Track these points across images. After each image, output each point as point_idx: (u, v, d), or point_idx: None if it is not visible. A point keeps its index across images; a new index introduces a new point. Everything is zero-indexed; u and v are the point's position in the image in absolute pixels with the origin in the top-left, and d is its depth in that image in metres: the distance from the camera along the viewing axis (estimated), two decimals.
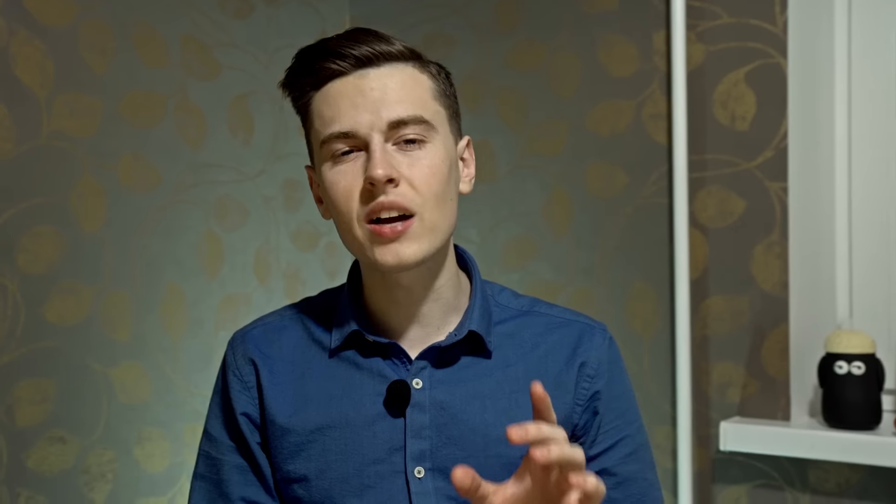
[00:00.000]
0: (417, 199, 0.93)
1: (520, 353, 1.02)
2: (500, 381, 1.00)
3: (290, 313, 1.08)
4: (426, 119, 0.94)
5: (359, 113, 0.92)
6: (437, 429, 0.98)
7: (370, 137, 0.92)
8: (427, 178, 0.94)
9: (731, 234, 1.56)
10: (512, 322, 1.04)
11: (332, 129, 0.94)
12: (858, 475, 1.46)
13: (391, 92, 0.93)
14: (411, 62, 0.96)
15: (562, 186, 1.72)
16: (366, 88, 0.93)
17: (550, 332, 1.04)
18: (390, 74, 0.94)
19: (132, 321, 1.53)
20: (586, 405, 1.02)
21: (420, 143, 0.94)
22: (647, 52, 1.63)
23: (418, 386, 0.99)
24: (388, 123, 0.93)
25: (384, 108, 0.92)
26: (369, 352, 1.01)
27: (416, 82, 0.95)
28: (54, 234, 1.42)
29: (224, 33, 1.71)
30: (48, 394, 1.41)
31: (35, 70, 1.40)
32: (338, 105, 0.93)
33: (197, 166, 1.65)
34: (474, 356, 1.01)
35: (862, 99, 1.56)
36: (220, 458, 1.04)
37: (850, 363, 1.42)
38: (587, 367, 1.02)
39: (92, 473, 1.47)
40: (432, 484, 0.97)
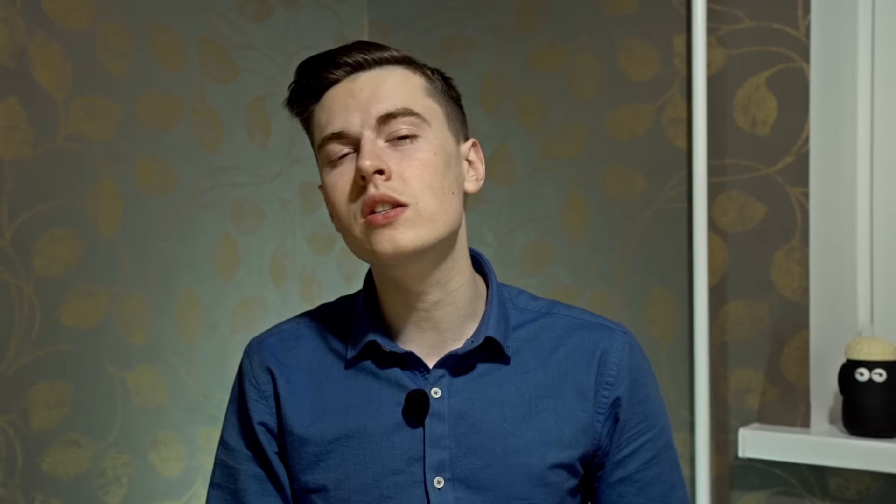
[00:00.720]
0: (410, 190, 0.92)
1: (539, 359, 1.01)
2: (520, 388, 0.99)
3: (306, 321, 1.07)
4: (416, 112, 0.94)
5: (350, 113, 0.93)
6: (457, 438, 0.97)
7: (361, 135, 0.93)
8: (418, 170, 0.93)
9: (750, 240, 1.55)
10: (531, 325, 1.03)
11: (325, 131, 0.95)
12: (879, 483, 1.44)
13: (381, 90, 0.94)
14: (403, 65, 0.97)
15: (580, 190, 1.71)
16: (356, 90, 0.94)
17: (569, 335, 1.02)
18: (380, 76, 0.95)
19: (147, 324, 1.53)
20: (608, 413, 1.00)
21: (412, 137, 0.94)
22: (667, 56, 1.62)
23: (437, 395, 0.98)
24: (377, 119, 0.93)
25: (373, 105, 0.93)
26: (386, 362, 1.00)
27: (406, 80, 0.96)
28: (70, 237, 1.42)
29: (242, 36, 1.70)
30: (63, 397, 1.41)
31: (53, 72, 1.40)
32: (331, 109, 0.95)
33: (213, 169, 1.64)
34: (492, 363, 1.00)
35: (885, 104, 1.54)
36: (237, 468, 1.03)
37: (872, 370, 1.40)
38: (607, 373, 1.00)
39: (107, 477, 1.47)
40: (452, 494, 0.96)
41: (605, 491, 1.01)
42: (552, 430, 0.98)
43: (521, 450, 0.97)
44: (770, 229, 1.53)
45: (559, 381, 1.00)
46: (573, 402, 0.99)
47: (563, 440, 0.98)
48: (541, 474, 0.97)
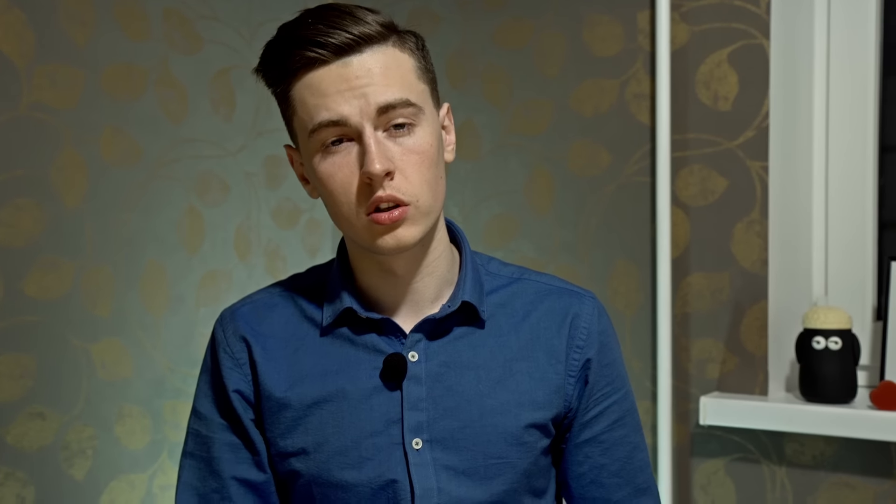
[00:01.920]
0: (412, 189, 0.94)
1: (512, 323, 1.04)
2: (494, 351, 1.02)
3: (279, 290, 1.08)
4: (413, 102, 0.94)
5: (347, 101, 0.92)
6: (434, 400, 0.99)
7: (361, 126, 0.92)
8: (418, 165, 0.94)
9: (712, 213, 1.58)
10: (503, 291, 1.06)
11: (320, 117, 0.93)
12: (833, 448, 1.50)
13: (376, 77, 0.93)
14: (390, 41, 0.95)
15: (545, 165, 1.73)
16: (350, 76, 0.93)
17: (541, 300, 1.06)
18: (373, 59, 0.94)
19: (113, 297, 1.52)
20: (578, 375, 1.03)
21: (409, 126, 0.95)
22: (631, 32, 1.64)
23: (414, 359, 1.00)
24: (377, 109, 0.93)
25: (372, 95, 0.92)
26: (363, 328, 1.01)
27: (398, 63, 0.95)
28: (35, 207, 1.41)
29: (206, 7, 1.69)
30: (28, 369, 1.40)
31: (14, 39, 1.38)
32: (323, 94, 0.93)
33: (178, 141, 1.63)
34: (468, 326, 1.02)
35: (839, 81, 1.58)
36: (211, 437, 1.03)
37: (828, 338, 1.45)
38: (577, 336, 1.04)
39: (72, 450, 1.46)
40: (430, 455, 0.98)
41: (571, 451, 1.05)
42: (526, 391, 1.01)
43: (496, 410, 0.99)
44: (731, 203, 1.57)
45: (532, 345, 1.03)
46: (545, 364, 1.02)
47: (537, 401, 1.01)
48: (516, 434, 0.99)
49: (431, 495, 0.97)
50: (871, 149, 1.57)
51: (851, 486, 1.48)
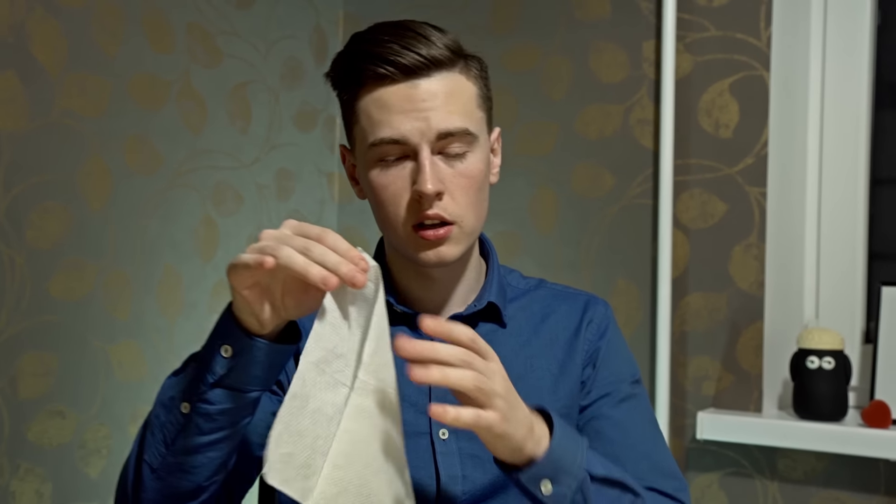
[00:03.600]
0: (458, 211, 1.01)
1: (532, 323, 1.11)
2: (515, 349, 1.09)
3: None
4: (471, 131, 1.00)
5: (409, 121, 0.97)
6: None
7: (420, 147, 0.98)
8: (467, 189, 1.01)
9: (711, 236, 1.66)
10: (523, 297, 1.14)
11: (382, 134, 0.98)
12: (824, 464, 1.57)
13: (440, 102, 0.98)
14: (457, 67, 1.00)
15: (549, 185, 1.81)
16: (416, 98, 0.97)
17: (559, 303, 1.14)
18: (440, 84, 0.98)
19: (132, 300, 1.57)
20: (588, 361, 1.10)
21: (464, 149, 1.01)
22: (636, 60, 1.73)
23: None
24: (437, 134, 0.98)
25: (434, 119, 0.97)
26: (395, 322, 1.07)
27: (462, 91, 1.00)
28: (62, 211, 1.46)
29: (227, 22, 1.76)
30: (50, 367, 1.44)
31: (50, 48, 1.44)
32: (388, 111, 0.98)
33: (197, 151, 1.69)
34: (491, 325, 1.10)
35: (833, 114, 1.67)
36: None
37: (822, 358, 1.53)
38: (590, 330, 1.12)
39: (88, 448, 1.50)
40: (456, 444, 1.04)
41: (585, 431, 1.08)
42: (546, 385, 1.08)
43: None
44: (729, 226, 1.65)
45: (551, 343, 1.10)
46: (565, 360, 1.10)
47: (557, 393, 1.08)
48: None
49: (456, 482, 1.03)
50: (863, 181, 1.65)
51: (841, 502, 1.56)
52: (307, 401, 0.84)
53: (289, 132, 1.89)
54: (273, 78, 1.86)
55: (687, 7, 1.67)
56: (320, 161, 1.98)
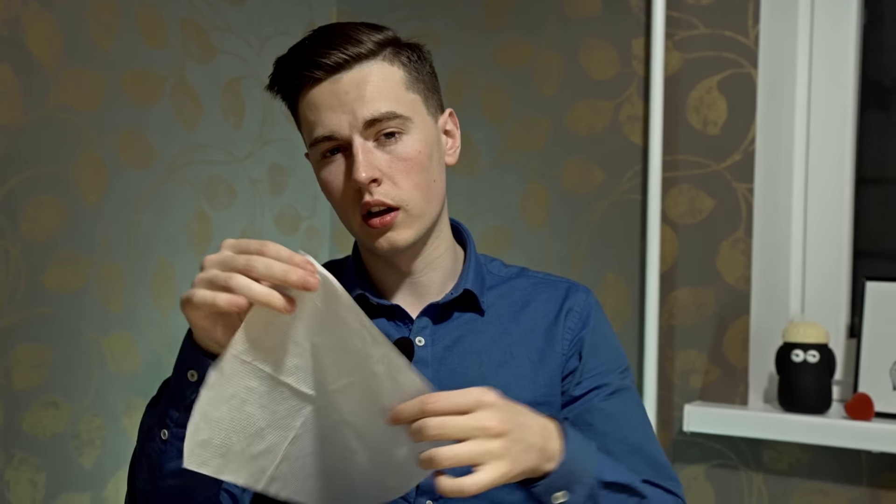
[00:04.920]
0: (400, 194, 1.02)
1: (512, 311, 1.12)
2: (495, 337, 1.10)
3: None
4: (400, 114, 1.02)
5: (337, 116, 1.00)
6: (439, 382, 1.06)
7: (350, 139, 1.01)
8: (406, 171, 1.03)
9: (699, 231, 1.69)
10: (504, 285, 1.15)
11: (316, 133, 1.02)
12: (808, 455, 1.60)
13: (364, 92, 1.00)
14: (380, 56, 1.02)
15: (540, 181, 1.83)
16: (340, 92, 1.00)
17: (539, 291, 1.14)
18: (362, 74, 1.01)
19: (125, 293, 1.59)
20: (571, 351, 1.11)
21: (398, 135, 1.03)
22: (626, 57, 1.75)
23: (420, 343, 1.08)
24: (363, 122, 1.00)
25: (359, 109, 1.00)
26: (373, 314, 1.09)
27: (387, 77, 1.02)
28: (56, 204, 1.48)
29: (220, 18, 1.77)
30: (44, 359, 1.46)
31: (45, 43, 1.45)
32: (318, 110, 1.01)
33: (190, 146, 1.71)
34: (470, 314, 1.11)
35: (820, 114, 1.68)
36: None
37: (807, 352, 1.55)
38: (571, 318, 1.12)
39: (82, 439, 1.52)
40: None
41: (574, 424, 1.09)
42: (526, 373, 1.09)
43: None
44: (717, 222, 1.67)
45: (531, 331, 1.11)
46: (545, 348, 1.10)
47: (537, 382, 1.09)
48: None
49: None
50: (849, 179, 1.67)
51: (825, 493, 1.58)
52: (224, 389, 0.86)
53: (282, 127, 1.91)
54: (266, 73, 1.84)
55: (676, 5, 1.70)
56: None
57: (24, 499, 1.43)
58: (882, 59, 1.71)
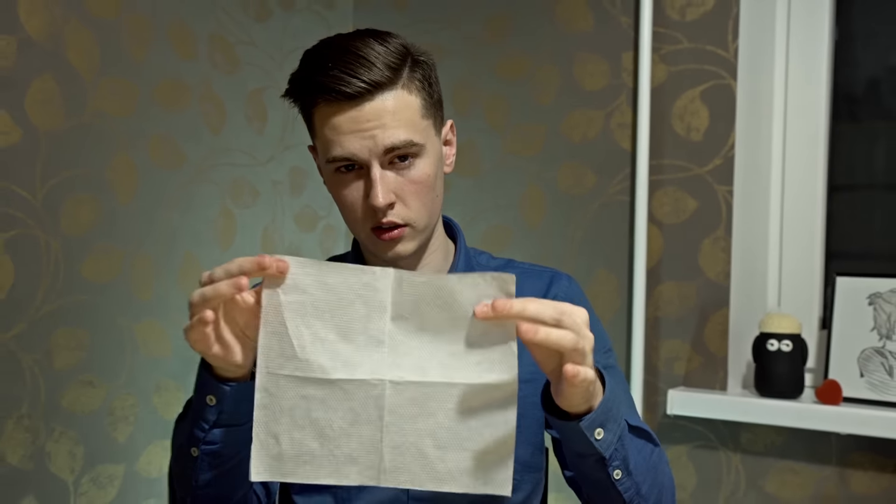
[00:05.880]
0: (410, 214, 1.03)
1: None
2: None
3: None
4: (416, 141, 1.02)
5: (358, 141, 0.99)
6: None
7: (370, 164, 1.00)
8: (416, 193, 1.03)
9: (682, 230, 1.70)
10: None
11: (334, 153, 1.00)
12: (782, 437, 1.61)
13: (385, 121, 0.99)
14: (399, 84, 1.00)
15: (537, 183, 1.85)
16: (362, 119, 0.98)
17: (525, 280, 1.14)
18: (383, 104, 0.99)
19: (154, 283, 1.62)
20: None
21: (411, 158, 1.03)
22: (616, 70, 1.77)
23: None
24: (384, 150, 0.99)
25: (380, 137, 0.99)
26: None
27: (406, 106, 1.00)
28: (93, 201, 1.51)
29: (245, 33, 1.81)
30: (81, 342, 1.49)
31: (84, 55, 1.49)
32: (338, 132, 0.99)
33: (216, 150, 1.74)
34: None
35: (795, 125, 1.70)
36: None
37: (781, 341, 1.56)
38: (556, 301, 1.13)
39: (116, 415, 1.55)
40: None
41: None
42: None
43: None
44: (699, 221, 1.69)
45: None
46: None
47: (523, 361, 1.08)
48: None
49: None
50: (821, 185, 1.68)
51: (797, 472, 1.60)
52: (278, 403, 0.85)
53: (302, 134, 1.94)
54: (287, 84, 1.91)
55: (662, 22, 1.71)
56: None
57: (63, 469, 1.46)
58: (852, 73, 1.73)
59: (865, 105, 1.72)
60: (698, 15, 1.68)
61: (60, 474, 1.46)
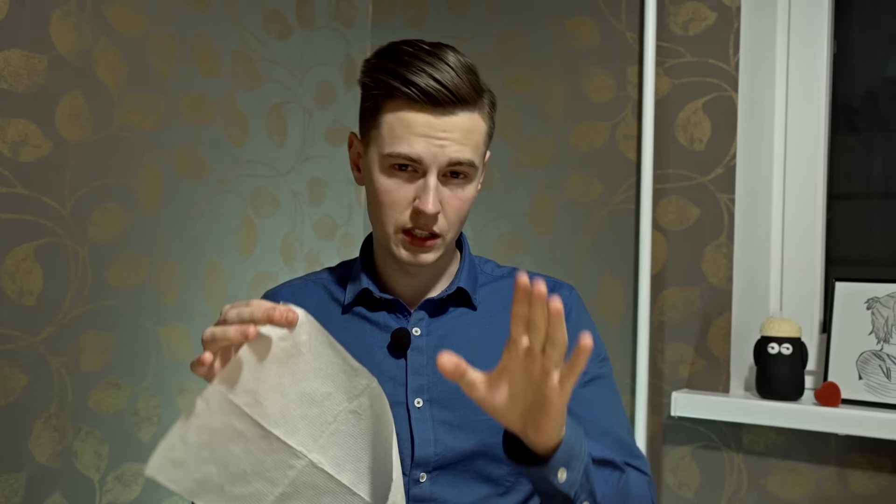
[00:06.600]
0: (446, 227, 1.03)
1: (501, 305, 1.12)
2: (485, 328, 1.10)
3: (313, 277, 1.18)
4: (476, 164, 1.02)
5: (427, 146, 0.98)
6: (433, 367, 1.06)
7: (430, 170, 0.99)
8: (457, 210, 1.03)
9: (686, 237, 1.68)
10: (496, 283, 1.14)
11: (399, 149, 0.98)
12: (783, 438, 1.58)
13: (457, 136, 0.98)
14: (477, 106, 1.00)
15: (546, 192, 1.84)
16: (438, 128, 0.97)
17: None
18: (460, 121, 0.98)
19: (179, 289, 1.62)
20: None
21: (464, 177, 1.02)
22: (622, 83, 1.75)
23: (417, 333, 1.08)
24: (448, 162, 0.99)
25: (449, 149, 0.98)
26: (376, 307, 1.10)
27: (478, 129, 1.01)
28: (119, 211, 1.51)
29: (267, 51, 1.81)
30: (108, 345, 1.49)
31: (112, 71, 1.49)
32: (410, 131, 0.98)
33: (239, 161, 1.74)
34: (463, 308, 1.11)
35: (795, 135, 1.67)
36: None
37: (781, 345, 1.54)
38: None
39: (140, 416, 1.55)
40: (429, 412, 1.05)
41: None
42: None
43: None
44: (702, 228, 1.66)
45: None
46: None
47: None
48: None
49: (429, 445, 1.04)
50: (821, 194, 1.65)
51: (797, 472, 1.57)
52: (209, 420, 0.82)
53: (321, 146, 1.94)
54: (307, 99, 1.91)
55: (666, 36, 1.70)
56: (349, 171, 2.02)
57: (89, 467, 1.46)
58: (850, 85, 1.70)
59: (863, 116, 1.70)
60: (700, 30, 1.67)
61: (87, 472, 1.46)
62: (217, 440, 0.83)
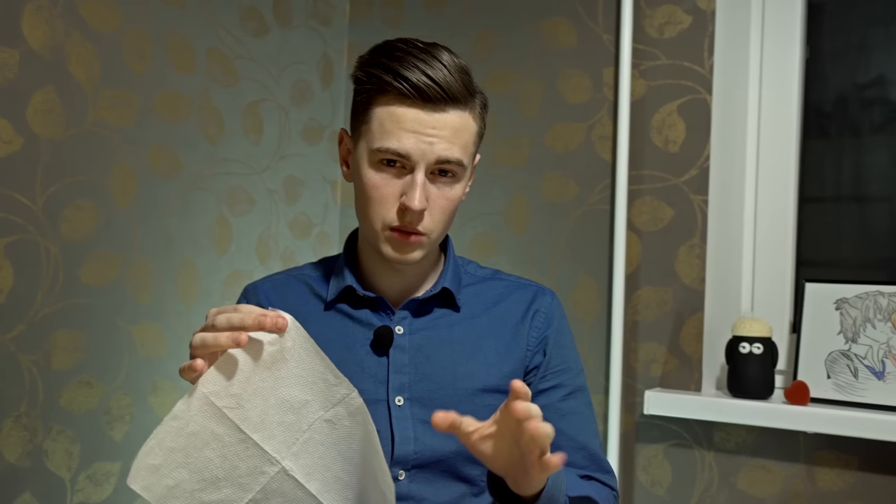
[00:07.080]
0: (432, 225, 1.00)
1: (484, 308, 1.10)
2: (467, 330, 1.08)
3: (294, 272, 1.15)
4: (465, 163, 1.00)
5: (416, 142, 0.95)
6: (415, 366, 1.05)
7: (418, 166, 0.96)
8: (444, 209, 1.00)
9: (660, 237, 1.66)
10: (478, 285, 1.12)
11: (388, 144, 0.96)
12: (753, 436, 1.57)
13: (447, 134, 0.96)
14: (468, 106, 0.98)
15: (522, 192, 1.81)
16: (428, 124, 0.95)
17: (510, 292, 1.12)
18: (451, 119, 0.96)
19: (153, 287, 1.57)
20: (537, 348, 1.09)
21: (452, 177, 1.00)
22: (598, 84, 1.73)
23: (400, 332, 1.06)
24: (436, 159, 0.97)
25: (438, 148, 0.96)
26: (360, 304, 1.07)
27: (468, 128, 0.99)
28: (92, 208, 1.46)
29: (243, 48, 1.76)
30: (79, 343, 1.45)
31: (85, 67, 1.44)
32: (400, 126, 0.96)
33: (214, 159, 1.70)
34: (446, 309, 1.09)
35: (768, 131, 1.67)
36: None
37: (752, 344, 1.52)
38: (538, 318, 1.10)
39: (113, 415, 1.50)
40: (409, 410, 1.04)
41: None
42: (493, 363, 1.07)
43: (466, 377, 1.05)
44: (676, 229, 1.65)
45: (500, 326, 1.09)
46: (511, 342, 1.08)
47: (502, 371, 1.07)
48: (482, 395, 1.05)
49: (409, 443, 1.02)
50: (793, 197, 1.64)
51: (767, 469, 1.55)
52: (188, 423, 0.80)
53: (297, 145, 1.90)
54: (283, 97, 1.87)
55: (641, 39, 1.67)
56: (325, 170, 1.98)
57: (60, 467, 1.41)
58: (822, 90, 1.69)
59: (834, 120, 1.69)
60: (676, 33, 1.64)
61: (58, 472, 1.41)
62: (193, 444, 0.81)
